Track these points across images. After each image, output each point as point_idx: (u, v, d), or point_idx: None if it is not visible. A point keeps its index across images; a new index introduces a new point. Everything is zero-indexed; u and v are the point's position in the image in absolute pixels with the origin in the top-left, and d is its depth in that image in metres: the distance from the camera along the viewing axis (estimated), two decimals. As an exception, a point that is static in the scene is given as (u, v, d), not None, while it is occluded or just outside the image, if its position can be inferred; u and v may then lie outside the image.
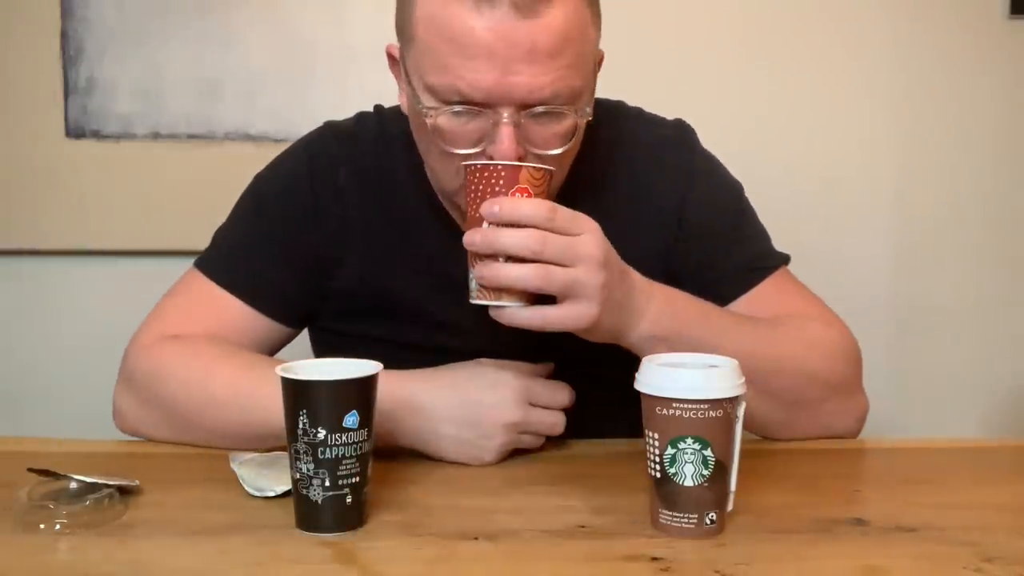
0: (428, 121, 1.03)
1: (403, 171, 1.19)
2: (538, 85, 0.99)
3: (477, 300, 0.97)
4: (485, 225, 0.95)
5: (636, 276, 1.02)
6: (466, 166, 0.98)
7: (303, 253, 1.20)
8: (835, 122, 1.91)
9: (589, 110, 1.05)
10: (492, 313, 0.97)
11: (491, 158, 1.01)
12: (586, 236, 0.95)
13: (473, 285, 0.98)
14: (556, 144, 1.03)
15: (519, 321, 0.96)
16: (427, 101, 1.04)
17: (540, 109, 1.01)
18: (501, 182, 0.96)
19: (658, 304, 1.03)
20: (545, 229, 0.93)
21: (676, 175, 1.20)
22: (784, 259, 1.22)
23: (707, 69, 1.88)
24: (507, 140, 1.00)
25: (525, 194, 0.96)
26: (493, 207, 0.94)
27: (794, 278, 1.22)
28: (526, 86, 0.99)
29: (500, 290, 0.96)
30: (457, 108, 1.01)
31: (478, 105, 1.00)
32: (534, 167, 0.97)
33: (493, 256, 0.94)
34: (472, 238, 0.95)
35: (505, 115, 1.00)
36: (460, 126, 1.03)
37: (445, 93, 1.01)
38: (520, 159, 1.01)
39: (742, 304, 1.18)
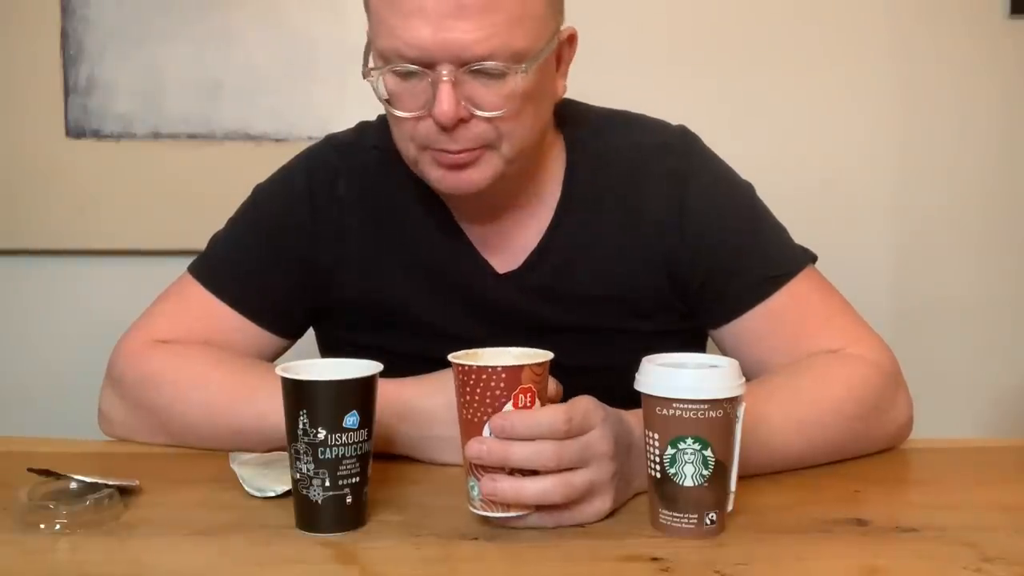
0: (372, 83, 1.05)
1: (406, 180, 1.18)
2: (472, 40, 0.99)
3: (482, 511, 0.89)
4: (487, 433, 0.87)
5: (636, 434, 0.93)
6: (456, 366, 0.89)
7: (300, 266, 1.20)
8: (835, 122, 1.91)
9: (530, 66, 1.03)
10: (502, 522, 0.89)
11: (436, 121, 1.02)
12: (597, 431, 0.89)
13: (475, 494, 0.89)
14: (501, 105, 1.03)
15: (531, 524, 0.89)
16: (375, 63, 1.05)
17: (478, 66, 1.01)
18: (502, 385, 0.87)
19: None
20: (562, 438, 0.87)
21: (673, 181, 1.17)
22: (807, 260, 1.18)
23: (706, 70, 1.87)
24: (446, 98, 1.00)
25: (529, 395, 0.88)
26: (504, 423, 0.86)
27: (817, 281, 1.17)
28: (459, 42, 0.99)
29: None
30: (398, 68, 1.02)
31: (417, 64, 1.01)
32: (535, 364, 0.88)
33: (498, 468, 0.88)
34: (479, 451, 0.87)
35: (444, 73, 1.00)
36: (407, 89, 1.04)
37: (389, 56, 1.03)
38: (463, 120, 1.02)
39: (757, 316, 1.14)
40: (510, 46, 1.01)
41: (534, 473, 0.87)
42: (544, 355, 0.91)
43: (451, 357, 0.90)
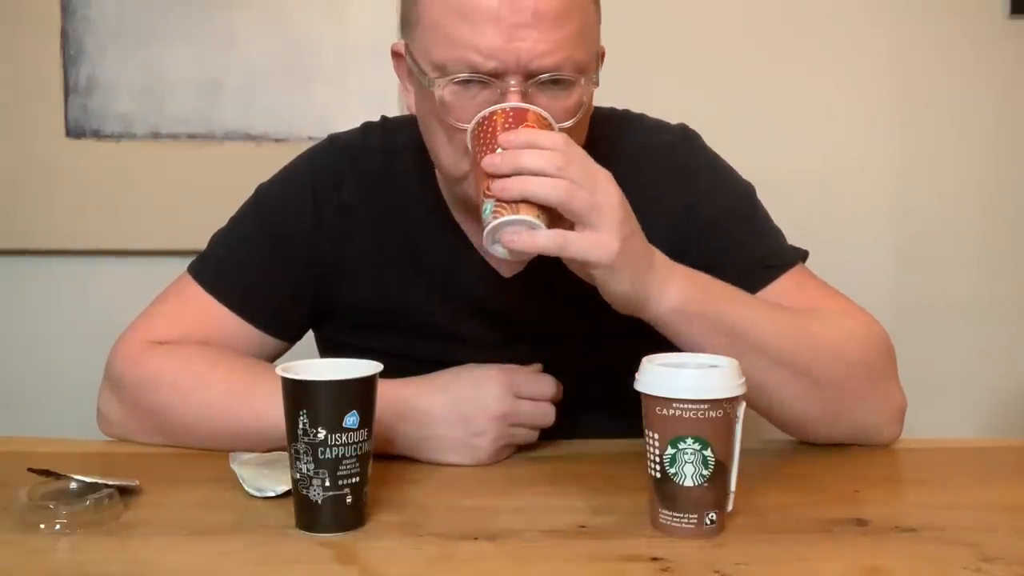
0: (436, 92, 1.02)
1: (411, 183, 1.18)
2: (543, 50, 0.99)
3: (493, 219, 0.93)
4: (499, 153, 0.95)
5: (654, 248, 1.01)
6: (470, 129, 0.99)
7: (302, 270, 1.19)
8: (835, 122, 1.91)
9: (595, 79, 1.05)
10: (509, 238, 0.93)
11: None
12: (602, 172, 0.95)
13: (488, 209, 0.94)
14: (564, 117, 1.03)
15: (538, 244, 0.92)
16: (433, 75, 1.03)
17: (547, 77, 1.00)
18: (510, 121, 0.96)
19: (682, 279, 1.01)
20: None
21: (681, 177, 1.18)
22: (800, 256, 1.19)
23: (705, 71, 1.87)
24: None
25: None
26: (510, 136, 0.94)
27: (813, 275, 1.19)
28: (531, 51, 0.99)
29: (519, 205, 0.93)
30: (464, 76, 1.00)
31: (486, 74, 1.00)
32: (540, 112, 0.98)
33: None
34: (493, 160, 0.94)
35: (512, 83, 0.99)
36: (468, 99, 1.02)
37: (453, 65, 1.01)
38: None
39: None
40: (574, 58, 1.01)
41: None
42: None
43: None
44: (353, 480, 0.88)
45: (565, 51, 1.00)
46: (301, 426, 0.87)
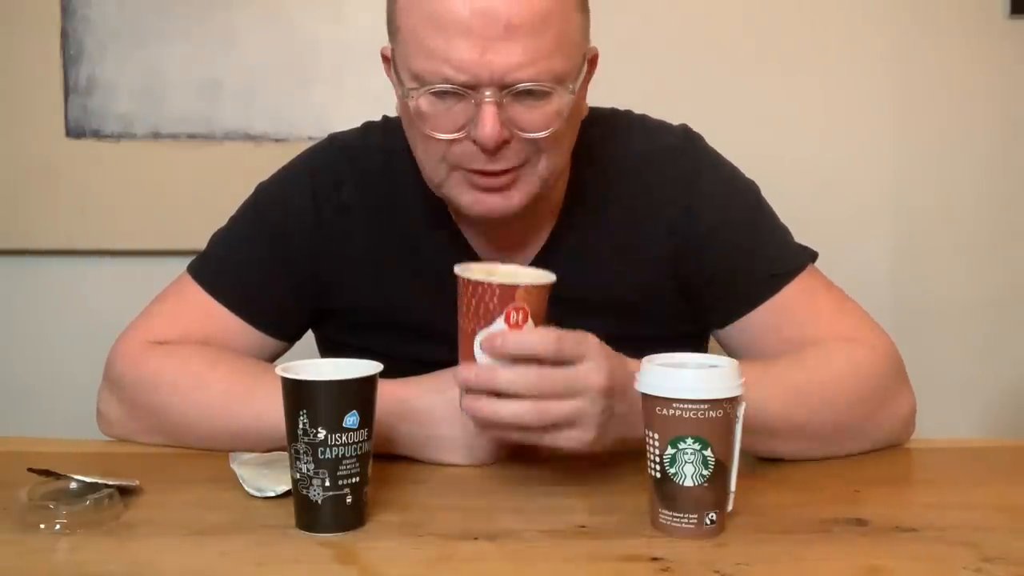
0: (411, 104, 1.03)
1: (412, 183, 1.17)
2: (518, 63, 0.99)
3: (468, 413, 0.94)
4: (477, 349, 0.91)
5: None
6: (457, 278, 0.93)
7: (301, 270, 1.19)
8: (834, 122, 1.91)
9: (573, 87, 1.04)
10: (480, 425, 0.95)
11: (475, 142, 1.01)
12: (590, 364, 0.92)
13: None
14: (543, 126, 1.03)
15: (514, 438, 0.95)
16: (410, 84, 1.03)
17: (522, 87, 1.00)
18: (495, 300, 0.91)
19: None
20: (550, 362, 0.91)
21: (681, 180, 1.17)
22: (809, 258, 1.19)
23: (705, 70, 1.87)
24: (489, 120, 0.99)
25: (522, 313, 0.91)
26: (495, 341, 0.91)
27: (821, 278, 1.18)
28: (505, 64, 0.99)
29: None
30: (439, 87, 1.00)
31: (460, 86, 1.00)
32: (531, 285, 0.92)
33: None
34: (467, 376, 0.92)
35: (487, 95, 0.99)
36: (444, 110, 1.02)
37: (428, 76, 1.01)
38: (505, 142, 1.01)
39: (766, 311, 1.15)
40: (552, 69, 1.01)
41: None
42: (546, 276, 0.94)
43: (457, 267, 0.94)
44: (353, 480, 0.88)
45: (541, 62, 1.00)
46: (301, 426, 0.87)
